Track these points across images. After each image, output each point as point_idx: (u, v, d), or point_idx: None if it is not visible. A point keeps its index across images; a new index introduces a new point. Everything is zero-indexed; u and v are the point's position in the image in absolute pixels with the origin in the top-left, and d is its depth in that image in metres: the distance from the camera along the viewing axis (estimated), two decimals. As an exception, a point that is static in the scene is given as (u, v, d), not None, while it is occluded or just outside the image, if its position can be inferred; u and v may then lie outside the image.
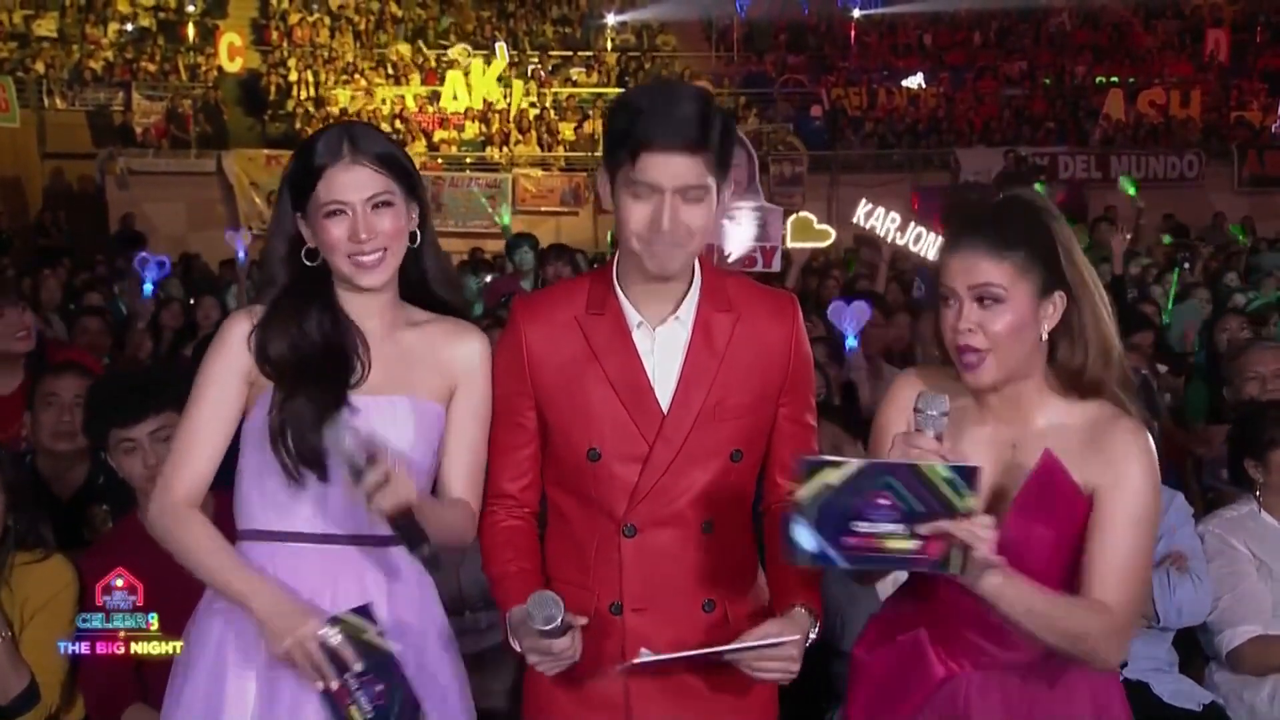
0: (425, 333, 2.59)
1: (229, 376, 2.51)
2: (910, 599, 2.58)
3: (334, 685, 2.35)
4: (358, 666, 2.35)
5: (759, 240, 8.12)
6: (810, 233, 8.36)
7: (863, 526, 2.07)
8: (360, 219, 2.45)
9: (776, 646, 2.33)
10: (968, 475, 2.06)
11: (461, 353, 2.58)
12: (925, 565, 2.10)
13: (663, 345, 2.46)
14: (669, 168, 2.32)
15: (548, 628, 2.25)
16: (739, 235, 8.05)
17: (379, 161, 2.48)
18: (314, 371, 2.47)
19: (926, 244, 8.82)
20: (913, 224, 8.74)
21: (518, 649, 2.41)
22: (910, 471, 2.06)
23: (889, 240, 8.66)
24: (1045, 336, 2.34)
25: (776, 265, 8.13)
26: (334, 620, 2.37)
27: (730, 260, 7.79)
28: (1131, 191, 12.36)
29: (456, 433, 2.57)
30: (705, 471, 2.45)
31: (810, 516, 2.07)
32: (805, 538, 2.08)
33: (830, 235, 8.31)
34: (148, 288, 9.80)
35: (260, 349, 2.49)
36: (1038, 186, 14.56)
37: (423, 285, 2.63)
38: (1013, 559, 2.18)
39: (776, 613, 2.44)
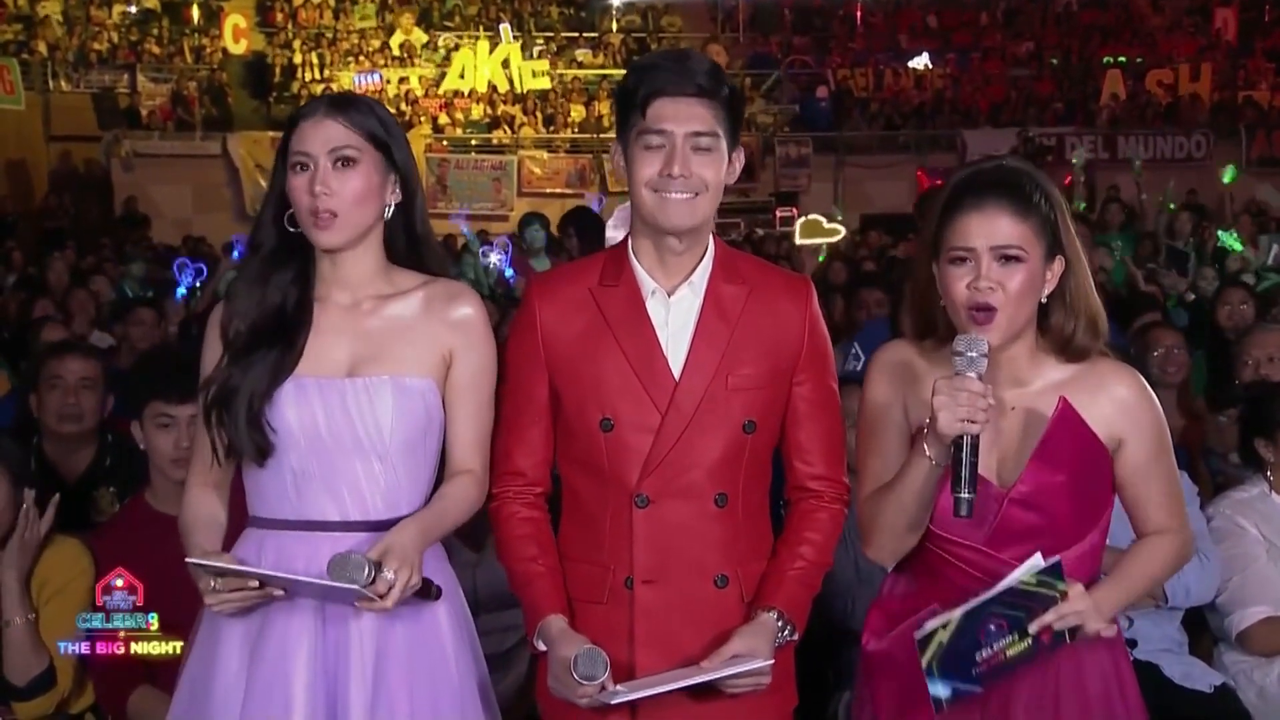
0: (414, 300, 2.55)
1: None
2: (910, 578, 2.55)
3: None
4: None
5: None
6: (820, 231, 8.15)
7: (984, 653, 2.27)
8: (320, 172, 2.43)
9: (750, 667, 2.36)
10: (1054, 568, 2.28)
11: (455, 317, 2.54)
12: (1046, 651, 2.31)
13: (676, 314, 2.46)
14: (680, 110, 2.37)
15: (583, 682, 2.31)
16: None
17: (352, 121, 2.46)
18: (264, 342, 2.47)
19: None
20: None
21: (539, 648, 2.43)
22: (1007, 594, 2.26)
23: None
24: (1045, 299, 2.41)
25: None
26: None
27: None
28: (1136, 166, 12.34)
29: (460, 400, 2.54)
30: (717, 441, 2.43)
31: (938, 673, 2.25)
32: (941, 690, 2.26)
33: (840, 231, 8.09)
34: (180, 291, 9.67)
35: (224, 316, 2.52)
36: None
37: (414, 249, 2.60)
38: (1032, 507, 2.39)
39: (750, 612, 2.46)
